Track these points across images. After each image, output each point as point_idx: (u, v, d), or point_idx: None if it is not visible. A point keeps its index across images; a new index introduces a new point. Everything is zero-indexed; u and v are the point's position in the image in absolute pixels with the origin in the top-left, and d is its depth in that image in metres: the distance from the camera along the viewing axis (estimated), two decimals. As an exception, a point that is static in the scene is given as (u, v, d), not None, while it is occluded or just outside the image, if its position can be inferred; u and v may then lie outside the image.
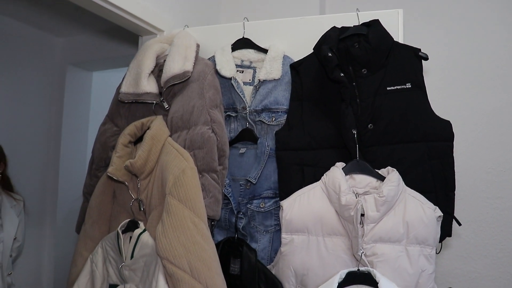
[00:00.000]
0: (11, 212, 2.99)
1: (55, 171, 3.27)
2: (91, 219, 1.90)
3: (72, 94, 3.67)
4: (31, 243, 3.27)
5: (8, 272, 2.96)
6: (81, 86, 3.75)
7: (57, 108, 3.63)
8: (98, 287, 1.82)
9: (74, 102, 3.68)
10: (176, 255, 1.51)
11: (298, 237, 1.64)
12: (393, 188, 1.54)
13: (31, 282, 3.25)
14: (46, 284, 3.58)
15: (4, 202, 2.95)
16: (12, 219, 2.99)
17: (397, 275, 1.53)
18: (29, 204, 3.23)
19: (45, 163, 3.58)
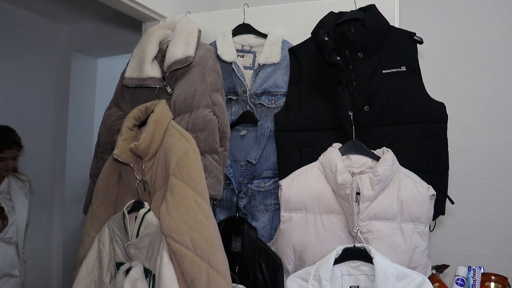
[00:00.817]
0: (20, 193, 3.07)
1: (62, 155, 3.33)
2: (98, 200, 1.96)
3: (77, 80, 3.71)
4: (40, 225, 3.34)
5: (22, 251, 3.06)
6: (86, 72, 3.79)
7: (63, 94, 3.68)
8: (105, 265, 1.88)
9: (79, 88, 3.73)
10: (180, 233, 1.56)
11: (296, 215, 1.70)
12: (387, 168, 1.60)
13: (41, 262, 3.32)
14: (55, 263, 3.66)
15: (13, 184, 3.03)
16: (22, 200, 3.08)
17: (392, 251, 1.59)
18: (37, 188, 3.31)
19: (53, 147, 3.64)
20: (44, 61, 3.64)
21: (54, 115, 3.66)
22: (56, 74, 3.70)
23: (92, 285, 1.92)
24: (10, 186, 3.01)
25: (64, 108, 3.66)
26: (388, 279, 1.50)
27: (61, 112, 3.66)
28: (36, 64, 3.58)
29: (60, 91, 3.70)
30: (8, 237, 2.96)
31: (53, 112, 3.66)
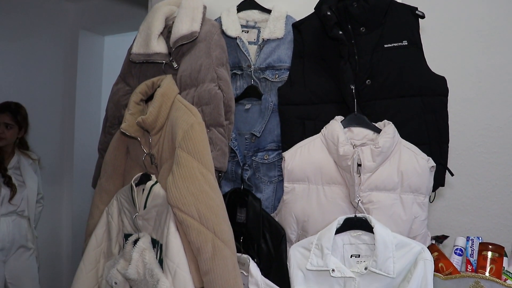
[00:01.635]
0: (30, 169, 3.14)
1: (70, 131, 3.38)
2: (106, 173, 2.01)
3: (85, 58, 3.74)
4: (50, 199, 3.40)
5: (34, 226, 3.13)
6: (93, 50, 3.82)
7: (71, 71, 3.71)
8: (114, 237, 1.93)
9: (87, 66, 3.76)
10: (186, 203, 1.60)
11: (299, 186, 1.74)
12: (388, 140, 1.63)
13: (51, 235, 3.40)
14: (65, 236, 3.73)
15: (22, 161, 3.08)
16: (32, 176, 3.14)
17: (392, 221, 1.63)
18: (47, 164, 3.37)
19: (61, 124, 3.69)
20: (52, 39, 3.66)
21: (62, 92, 3.69)
22: (64, 52, 3.73)
23: (101, 256, 1.98)
24: (19, 163, 3.07)
25: (72, 85, 3.69)
26: (388, 248, 1.54)
27: (69, 89, 3.69)
28: (44, 42, 3.61)
29: (67, 68, 3.73)
30: (21, 210, 3.04)
31: (61, 89, 3.70)
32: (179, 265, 1.64)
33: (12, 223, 3.01)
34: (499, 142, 2.21)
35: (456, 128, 2.13)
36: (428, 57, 1.78)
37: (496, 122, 2.22)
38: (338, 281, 1.60)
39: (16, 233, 3.02)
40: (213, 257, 1.60)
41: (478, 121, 2.24)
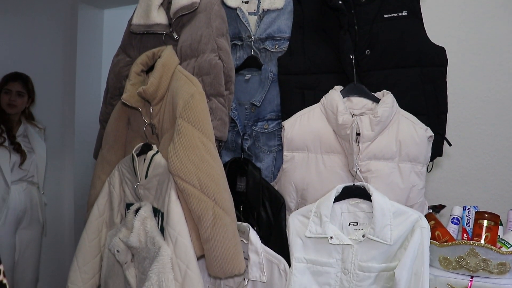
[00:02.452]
0: (37, 136, 3.16)
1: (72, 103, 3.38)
2: (108, 144, 2.02)
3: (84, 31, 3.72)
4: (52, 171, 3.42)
5: (42, 192, 3.17)
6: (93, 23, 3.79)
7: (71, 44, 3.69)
8: (116, 206, 1.96)
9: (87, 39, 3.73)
10: (187, 172, 1.62)
11: (298, 154, 1.76)
12: (387, 109, 1.64)
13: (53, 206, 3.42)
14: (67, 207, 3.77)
15: (29, 129, 3.11)
16: (40, 143, 3.17)
17: (389, 189, 1.65)
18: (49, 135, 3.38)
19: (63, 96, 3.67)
20: (51, 13, 3.64)
21: (63, 65, 3.68)
22: (63, 26, 3.71)
23: (103, 226, 2.01)
24: (27, 131, 3.10)
25: (72, 58, 3.68)
26: (385, 216, 1.57)
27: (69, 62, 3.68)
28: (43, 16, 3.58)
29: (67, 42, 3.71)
30: (31, 176, 3.08)
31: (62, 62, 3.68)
32: (180, 233, 1.67)
33: (24, 192, 3.05)
34: (498, 114, 2.22)
35: (455, 100, 2.14)
36: (428, 27, 1.78)
37: (495, 94, 2.23)
38: (336, 248, 1.63)
39: (27, 203, 3.06)
40: (213, 225, 1.63)
41: (477, 93, 2.25)
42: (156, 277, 1.65)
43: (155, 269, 1.65)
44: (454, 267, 1.62)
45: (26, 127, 3.11)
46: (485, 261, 1.56)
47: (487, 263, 1.56)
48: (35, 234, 3.16)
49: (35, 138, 3.15)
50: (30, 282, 3.18)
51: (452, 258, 1.62)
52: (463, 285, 1.60)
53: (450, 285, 1.62)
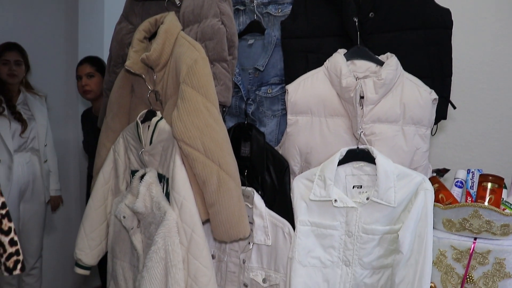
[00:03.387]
0: (38, 103, 3.17)
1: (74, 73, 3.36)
2: (112, 112, 2.03)
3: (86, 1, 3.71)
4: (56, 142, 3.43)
5: (44, 160, 3.18)
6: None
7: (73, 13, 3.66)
8: (121, 174, 1.97)
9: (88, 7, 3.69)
10: (191, 137, 1.63)
11: (302, 118, 1.75)
12: (391, 72, 1.64)
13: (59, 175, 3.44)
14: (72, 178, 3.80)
15: (29, 97, 3.12)
16: (41, 109, 3.18)
17: (393, 152, 1.65)
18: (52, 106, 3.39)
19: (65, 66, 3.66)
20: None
21: (65, 34, 3.66)
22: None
23: (109, 193, 2.03)
24: (26, 99, 3.10)
25: (74, 27, 3.65)
26: (389, 178, 1.58)
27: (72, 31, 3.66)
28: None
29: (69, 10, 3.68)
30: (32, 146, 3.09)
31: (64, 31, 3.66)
32: (185, 197, 1.68)
33: (27, 165, 3.07)
34: (503, 79, 2.21)
35: (460, 64, 2.12)
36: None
37: (501, 58, 2.21)
38: (341, 211, 1.64)
39: (30, 176, 3.08)
40: (218, 189, 1.64)
41: (482, 58, 2.23)
42: (162, 241, 1.67)
43: (161, 234, 1.67)
44: (457, 229, 1.63)
45: (26, 95, 3.11)
46: (489, 222, 1.57)
47: (491, 225, 1.57)
48: (38, 206, 3.20)
49: (35, 105, 3.15)
50: (35, 251, 3.23)
51: (455, 220, 1.63)
52: (466, 246, 1.61)
53: (453, 247, 1.63)
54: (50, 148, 3.28)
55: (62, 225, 3.76)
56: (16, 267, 1.26)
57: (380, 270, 1.68)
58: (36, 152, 3.13)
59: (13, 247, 1.23)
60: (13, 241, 1.19)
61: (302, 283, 1.66)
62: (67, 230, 3.79)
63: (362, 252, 1.65)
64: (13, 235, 1.19)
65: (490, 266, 1.59)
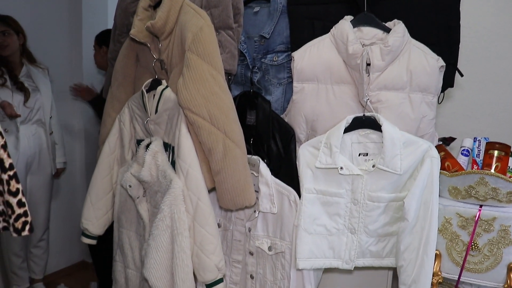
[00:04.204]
0: (41, 76, 3.15)
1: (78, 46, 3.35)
2: (117, 81, 2.02)
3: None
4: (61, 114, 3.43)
5: (50, 132, 3.19)
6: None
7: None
8: (127, 143, 1.97)
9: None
10: (196, 105, 1.62)
11: (308, 85, 1.75)
12: (398, 39, 1.62)
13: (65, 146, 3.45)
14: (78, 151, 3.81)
15: (32, 69, 3.10)
16: (44, 81, 3.16)
17: (400, 120, 1.65)
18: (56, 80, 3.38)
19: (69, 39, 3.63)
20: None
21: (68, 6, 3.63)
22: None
23: (115, 163, 2.03)
24: (30, 71, 3.08)
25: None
26: (395, 145, 1.57)
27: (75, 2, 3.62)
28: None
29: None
30: (37, 114, 3.09)
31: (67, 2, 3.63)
32: (191, 165, 1.69)
33: (33, 137, 3.07)
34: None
35: (468, 32, 2.10)
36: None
37: (510, 28, 2.18)
38: (346, 178, 1.64)
39: (36, 148, 3.09)
40: (224, 157, 1.64)
41: (490, 28, 2.21)
42: (168, 209, 1.68)
43: (167, 202, 1.68)
44: (463, 197, 1.63)
45: (29, 68, 3.09)
46: (495, 190, 1.57)
47: (497, 192, 1.57)
48: (45, 178, 3.21)
49: (39, 77, 3.13)
50: (42, 223, 3.26)
51: (461, 188, 1.63)
52: (472, 214, 1.62)
53: (459, 214, 1.63)
54: (55, 121, 3.28)
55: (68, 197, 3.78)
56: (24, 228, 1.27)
57: (386, 238, 1.69)
58: (42, 124, 3.13)
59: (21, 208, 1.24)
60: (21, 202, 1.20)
61: (307, 251, 1.68)
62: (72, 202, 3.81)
63: (367, 220, 1.66)
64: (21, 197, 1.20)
65: (495, 233, 1.59)
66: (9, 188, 1.25)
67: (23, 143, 3.01)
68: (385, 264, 1.72)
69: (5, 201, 1.27)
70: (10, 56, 3.01)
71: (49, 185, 3.25)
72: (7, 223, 1.30)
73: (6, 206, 1.28)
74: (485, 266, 1.62)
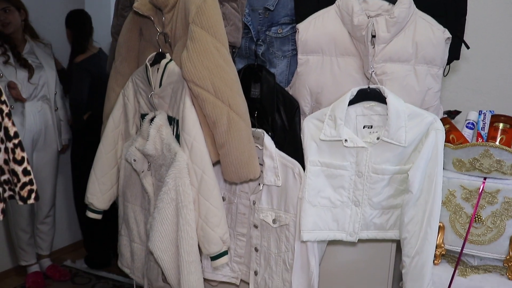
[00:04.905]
0: (45, 52, 3.15)
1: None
2: (121, 56, 2.01)
3: None
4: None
5: (55, 108, 3.19)
6: None
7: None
8: (131, 118, 1.97)
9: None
10: (201, 77, 1.61)
11: (313, 57, 1.74)
12: (404, 10, 1.61)
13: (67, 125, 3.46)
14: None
15: (35, 46, 3.09)
16: (48, 58, 3.16)
17: (405, 92, 1.64)
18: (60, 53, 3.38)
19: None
20: None
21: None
22: None
23: (119, 138, 2.04)
24: (33, 48, 3.08)
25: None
26: (400, 118, 1.57)
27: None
28: None
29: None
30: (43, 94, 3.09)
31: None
32: (196, 138, 1.69)
33: (38, 114, 3.08)
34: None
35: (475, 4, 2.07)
36: None
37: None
38: (351, 151, 1.64)
39: (42, 125, 3.09)
40: (228, 129, 1.64)
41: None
42: (173, 182, 1.69)
43: (171, 175, 1.69)
44: (467, 169, 1.64)
45: (32, 44, 3.09)
46: (499, 162, 1.57)
47: (501, 164, 1.57)
48: (51, 155, 3.22)
49: (42, 53, 3.13)
50: (49, 199, 3.28)
51: (466, 160, 1.63)
52: (476, 186, 1.62)
53: (462, 187, 1.64)
54: (59, 97, 3.28)
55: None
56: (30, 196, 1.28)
57: (390, 210, 1.70)
58: (47, 101, 3.13)
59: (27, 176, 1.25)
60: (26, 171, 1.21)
61: (311, 223, 1.69)
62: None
63: (371, 192, 1.66)
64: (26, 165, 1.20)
65: (498, 205, 1.60)
66: (14, 156, 1.25)
67: (29, 120, 3.02)
68: (388, 237, 1.73)
69: (11, 170, 1.28)
70: (13, 33, 3.00)
71: (55, 162, 3.27)
72: (13, 191, 1.31)
73: (11, 175, 1.29)
74: (488, 238, 1.63)
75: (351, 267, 1.91)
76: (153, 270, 1.93)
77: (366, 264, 1.89)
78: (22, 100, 2.90)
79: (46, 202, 3.27)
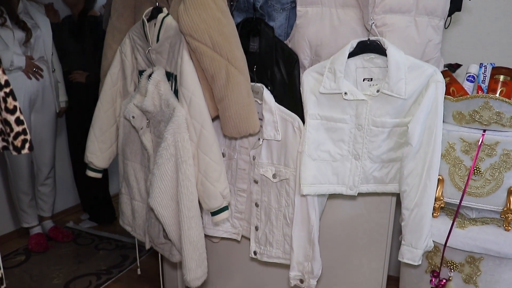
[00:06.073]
0: (39, 12, 3.10)
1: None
2: (117, 12, 1.98)
3: None
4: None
5: (52, 70, 3.16)
6: None
7: None
8: (129, 75, 1.96)
9: None
10: (198, 30, 1.59)
11: (312, 9, 1.71)
12: (405, -42, 1.58)
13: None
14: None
15: (28, 6, 3.03)
16: (43, 18, 3.11)
17: (405, 44, 1.62)
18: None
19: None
20: None
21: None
22: None
23: (117, 96, 2.02)
24: (27, 7, 3.02)
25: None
26: (400, 70, 1.56)
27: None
28: None
29: None
30: (41, 56, 3.05)
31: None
32: (194, 93, 1.68)
33: None
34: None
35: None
36: None
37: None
38: (350, 104, 1.63)
39: (39, 86, 3.05)
40: (227, 83, 1.62)
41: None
42: (171, 138, 1.68)
43: (170, 130, 1.68)
44: (467, 121, 1.63)
45: (25, 3, 3.03)
46: (499, 114, 1.56)
47: (500, 116, 1.56)
48: (49, 116, 3.19)
49: (37, 13, 3.08)
50: (48, 161, 3.27)
51: (465, 112, 1.62)
52: (475, 138, 1.61)
53: (462, 139, 1.63)
54: (55, 58, 3.24)
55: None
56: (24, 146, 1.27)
57: (389, 164, 1.70)
58: (44, 62, 3.09)
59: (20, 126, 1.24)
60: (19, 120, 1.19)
61: (311, 177, 1.69)
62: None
63: (371, 146, 1.66)
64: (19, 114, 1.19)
65: (497, 157, 1.60)
66: (6, 105, 1.23)
67: (25, 81, 2.98)
68: (388, 190, 1.74)
69: (3, 119, 1.25)
70: None
71: (54, 123, 3.25)
72: (7, 142, 1.29)
73: (4, 125, 1.26)
74: (486, 190, 1.63)
75: (351, 221, 1.93)
76: (154, 227, 1.95)
77: (366, 218, 1.91)
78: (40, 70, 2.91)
79: (46, 164, 3.26)
